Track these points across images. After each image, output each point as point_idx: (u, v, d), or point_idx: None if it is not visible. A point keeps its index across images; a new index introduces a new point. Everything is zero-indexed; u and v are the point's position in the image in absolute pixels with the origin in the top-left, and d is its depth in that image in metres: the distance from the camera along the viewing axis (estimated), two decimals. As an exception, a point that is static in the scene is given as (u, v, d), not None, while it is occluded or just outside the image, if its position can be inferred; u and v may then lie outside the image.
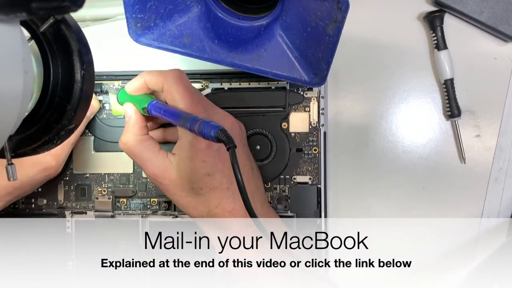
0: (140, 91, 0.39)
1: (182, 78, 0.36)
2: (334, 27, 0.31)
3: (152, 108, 0.37)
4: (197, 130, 0.31)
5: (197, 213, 0.37)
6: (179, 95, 0.36)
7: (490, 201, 0.44)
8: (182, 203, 0.37)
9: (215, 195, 0.36)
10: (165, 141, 0.43)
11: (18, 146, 0.26)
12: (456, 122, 0.44)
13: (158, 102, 0.38)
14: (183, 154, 0.36)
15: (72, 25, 0.25)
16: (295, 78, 0.36)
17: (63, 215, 0.46)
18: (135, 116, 0.38)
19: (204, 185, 0.36)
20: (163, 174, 0.37)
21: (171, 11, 0.37)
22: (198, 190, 0.36)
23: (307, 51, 0.35)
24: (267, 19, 0.37)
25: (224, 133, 0.30)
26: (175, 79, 0.36)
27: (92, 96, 0.31)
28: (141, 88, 0.38)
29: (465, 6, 0.43)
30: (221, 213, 0.36)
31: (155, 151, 0.37)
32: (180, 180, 0.36)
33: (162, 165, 0.36)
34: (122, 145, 0.38)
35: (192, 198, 0.37)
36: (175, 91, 0.36)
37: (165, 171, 0.36)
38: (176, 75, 0.36)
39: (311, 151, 0.43)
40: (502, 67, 0.44)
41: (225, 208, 0.36)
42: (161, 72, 0.37)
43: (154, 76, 0.37)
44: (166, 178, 0.36)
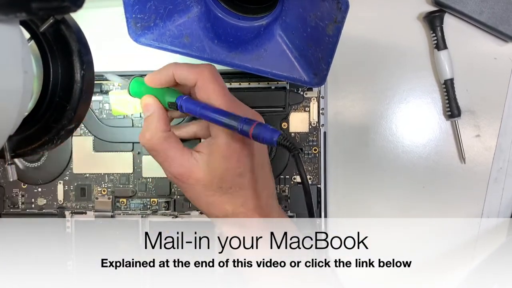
0: (165, 84, 0.36)
1: (217, 75, 0.35)
2: (334, 27, 0.31)
3: (185, 104, 0.35)
4: (251, 132, 0.30)
5: (220, 212, 0.36)
6: (216, 93, 0.34)
7: (490, 201, 0.44)
8: (207, 202, 0.36)
9: (242, 194, 0.36)
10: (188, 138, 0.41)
11: (18, 146, 0.26)
12: (456, 122, 0.44)
13: (190, 98, 0.35)
14: (217, 153, 0.35)
15: (72, 25, 0.25)
16: (295, 78, 0.36)
17: (63, 215, 0.46)
18: (160, 111, 0.36)
19: (234, 184, 0.35)
20: (188, 174, 0.35)
21: (171, 11, 0.37)
22: (227, 190, 0.35)
23: (307, 51, 0.35)
24: (267, 19, 0.37)
25: (286, 138, 0.29)
26: (212, 76, 0.35)
27: (92, 96, 0.31)
28: (167, 81, 0.36)
29: (465, 6, 0.43)
30: (246, 211, 0.36)
31: (179, 148, 0.36)
32: (208, 179, 0.35)
33: (188, 164, 0.35)
34: (146, 142, 0.36)
35: (218, 197, 0.36)
36: (212, 88, 0.34)
37: (191, 170, 0.35)
38: (212, 71, 0.35)
39: (311, 151, 0.44)
40: (502, 67, 0.44)
41: (249, 207, 0.36)
42: (193, 66, 0.35)
43: (185, 70, 0.35)
44: (192, 177, 0.35)
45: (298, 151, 0.29)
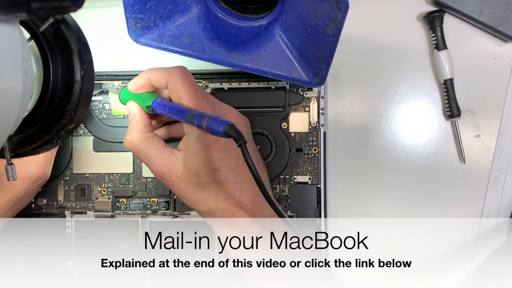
0: (144, 88, 0.38)
1: (186, 75, 0.36)
2: (333, 27, 0.31)
3: (157, 106, 0.37)
4: (205, 126, 0.31)
5: (205, 208, 0.37)
6: (185, 91, 0.35)
7: (490, 201, 0.44)
8: (190, 198, 0.37)
9: (222, 189, 0.36)
10: (170, 138, 0.42)
11: (18, 146, 0.26)
12: (456, 122, 0.44)
13: (163, 100, 0.37)
14: (190, 149, 0.36)
15: (72, 25, 0.25)
16: (294, 78, 0.36)
17: (63, 215, 0.46)
18: (139, 114, 0.38)
19: (212, 179, 0.36)
20: (169, 171, 0.36)
21: (171, 11, 0.37)
22: (205, 185, 0.36)
23: (307, 51, 0.35)
24: (267, 19, 0.37)
25: (233, 128, 0.30)
26: (180, 76, 0.36)
27: (92, 96, 0.31)
28: (145, 85, 0.38)
29: (464, 6, 0.43)
30: (229, 207, 0.36)
31: (160, 148, 0.37)
32: (187, 176, 0.36)
33: (169, 162, 0.36)
34: (127, 144, 0.38)
35: (199, 193, 0.36)
36: (180, 87, 0.36)
37: (172, 167, 0.36)
38: (181, 71, 0.36)
39: (311, 151, 0.44)
40: (501, 67, 0.44)
41: (232, 202, 0.36)
42: (165, 69, 0.37)
43: (158, 73, 0.37)
44: (173, 174, 0.36)
45: (245, 141, 0.30)
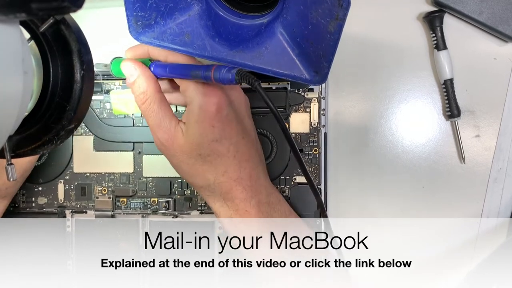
0: (142, 55, 0.38)
1: None
2: (335, 24, 0.31)
3: (157, 67, 0.36)
4: (212, 75, 0.30)
5: (203, 182, 0.37)
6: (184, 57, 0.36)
7: (490, 201, 0.44)
8: (189, 171, 0.37)
9: (222, 162, 0.36)
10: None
11: (18, 146, 0.26)
12: (456, 122, 0.44)
13: (161, 62, 0.37)
14: (192, 119, 0.36)
15: (71, 25, 0.25)
16: (296, 76, 0.36)
17: (63, 215, 0.46)
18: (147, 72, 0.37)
19: (212, 151, 0.36)
20: (172, 140, 0.36)
21: (172, 9, 0.37)
22: (205, 157, 0.36)
23: (308, 49, 0.35)
24: (268, 17, 0.37)
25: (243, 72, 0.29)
26: None
27: (92, 96, 0.31)
28: (143, 53, 0.38)
29: (464, 6, 0.43)
30: (227, 181, 0.36)
31: (169, 115, 0.37)
32: (188, 146, 0.36)
33: (173, 131, 0.36)
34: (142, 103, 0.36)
35: (199, 166, 0.36)
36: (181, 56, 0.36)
37: (175, 136, 0.36)
38: None
39: (312, 151, 0.43)
40: (501, 67, 0.44)
41: (230, 176, 0.36)
42: None
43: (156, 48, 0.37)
44: (175, 143, 0.36)
45: (259, 82, 0.29)
